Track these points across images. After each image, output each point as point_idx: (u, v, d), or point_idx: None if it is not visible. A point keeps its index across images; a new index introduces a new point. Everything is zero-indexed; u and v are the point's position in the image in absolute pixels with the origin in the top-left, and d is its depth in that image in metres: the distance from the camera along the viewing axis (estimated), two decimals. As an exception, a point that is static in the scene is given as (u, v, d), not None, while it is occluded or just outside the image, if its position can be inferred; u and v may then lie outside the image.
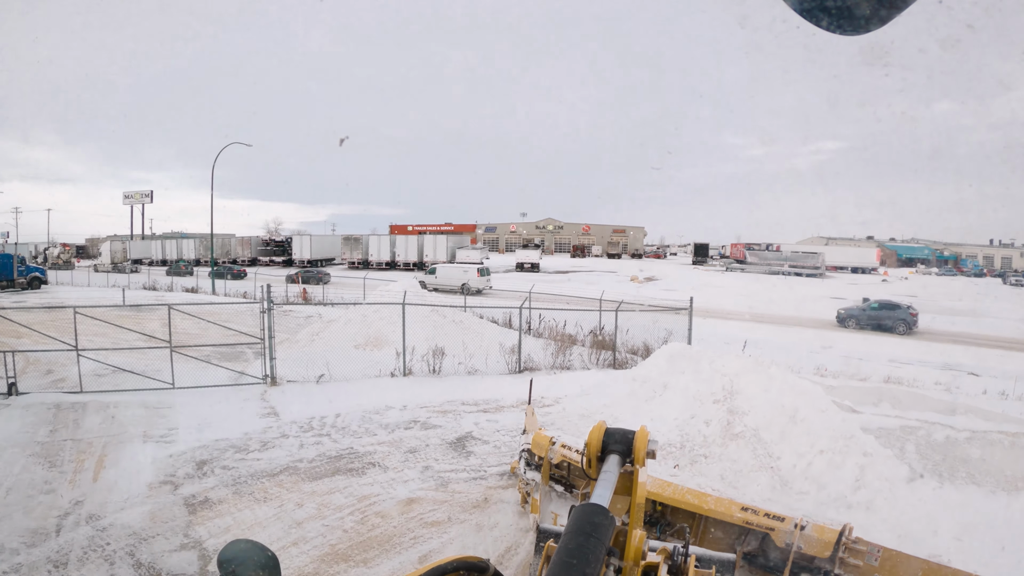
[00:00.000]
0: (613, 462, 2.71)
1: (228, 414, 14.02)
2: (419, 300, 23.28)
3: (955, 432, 11.39)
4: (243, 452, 11.65)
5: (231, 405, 14.72)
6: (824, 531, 5.55)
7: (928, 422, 12.23)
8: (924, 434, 11.48)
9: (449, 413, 14.33)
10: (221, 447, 11.92)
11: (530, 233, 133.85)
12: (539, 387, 16.43)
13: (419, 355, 17.98)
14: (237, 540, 1.73)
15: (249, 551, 1.68)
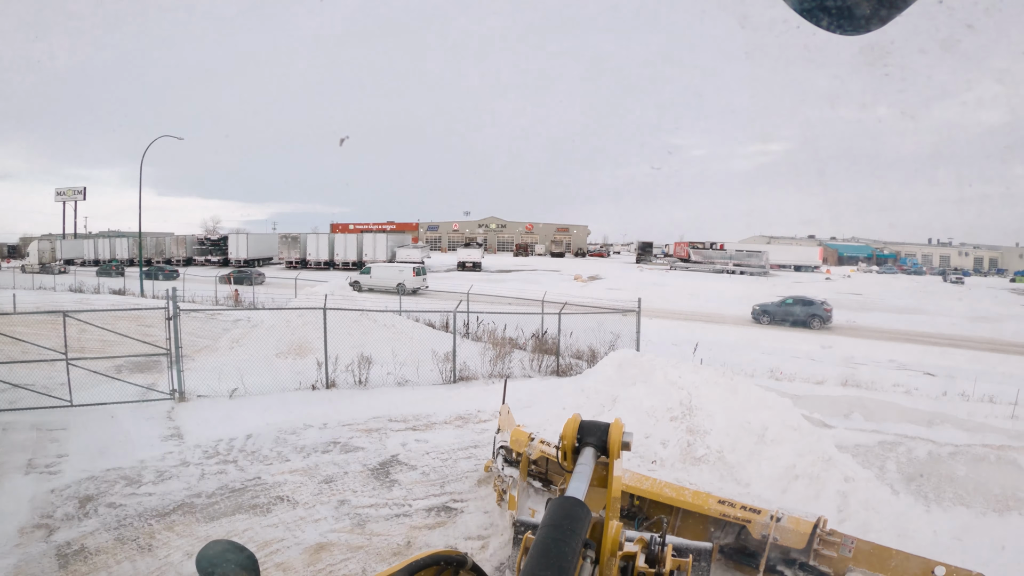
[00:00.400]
0: (588, 455, 2.73)
1: (127, 437, 12.31)
2: (347, 303, 21.60)
3: (937, 447, 10.57)
4: (135, 485, 10.04)
5: (132, 426, 12.97)
6: (799, 523, 5.65)
7: (907, 436, 11.38)
8: (905, 451, 10.56)
9: (374, 432, 12.86)
10: (111, 478, 10.27)
11: (473, 232, 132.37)
12: (475, 399, 15.36)
13: (344, 365, 16.50)
14: (215, 540, 1.75)
15: (227, 551, 1.69)
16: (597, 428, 2.81)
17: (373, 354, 17.25)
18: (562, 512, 2.01)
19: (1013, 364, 26.41)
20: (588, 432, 2.82)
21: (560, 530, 1.91)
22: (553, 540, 1.86)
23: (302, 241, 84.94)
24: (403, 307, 25.43)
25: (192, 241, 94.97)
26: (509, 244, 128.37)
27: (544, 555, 1.79)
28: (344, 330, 18.34)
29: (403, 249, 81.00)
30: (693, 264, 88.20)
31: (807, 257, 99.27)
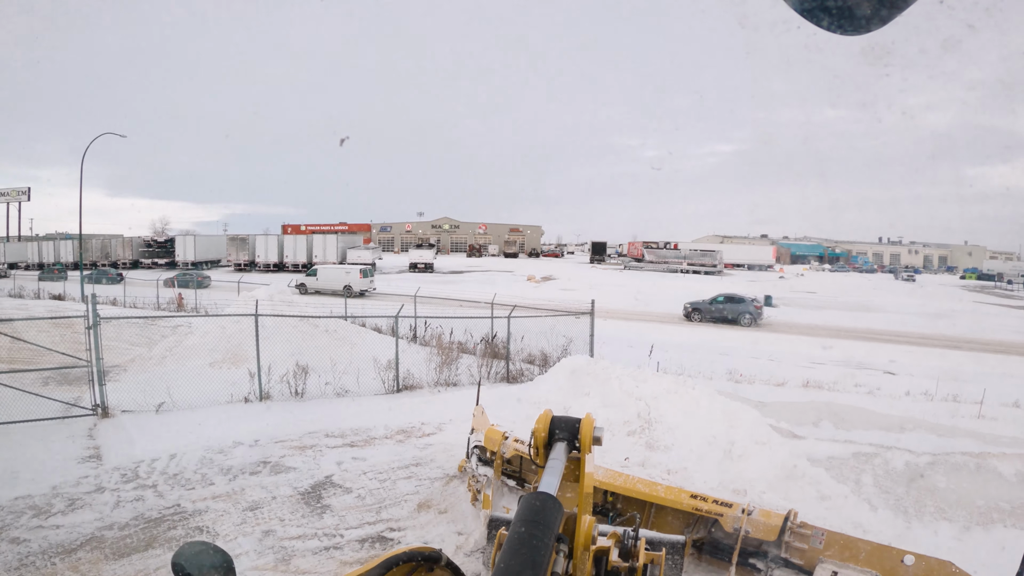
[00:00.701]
0: (560, 450, 2.78)
1: (43, 459, 11.23)
2: (286, 307, 20.59)
3: (914, 457, 10.04)
4: (43, 515, 9.06)
5: (49, 446, 11.90)
6: (771, 516, 5.71)
7: (882, 446, 10.81)
8: (881, 462, 9.99)
9: (308, 449, 11.99)
10: (19, 508, 9.26)
11: (426, 232, 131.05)
12: (418, 410, 14.62)
13: (279, 375, 15.53)
14: (191, 542, 1.76)
15: (203, 552, 1.67)
16: (568, 423, 2.85)
17: (313, 362, 16.36)
18: (534, 507, 2.03)
19: (972, 361, 26.41)
20: (560, 427, 2.85)
21: (533, 525, 1.93)
22: (526, 535, 1.88)
23: (250, 243, 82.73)
24: (348, 311, 24.58)
25: (139, 243, 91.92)
26: (463, 245, 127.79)
27: (517, 550, 1.80)
28: (282, 337, 17.42)
29: (354, 250, 79.37)
30: (647, 264, 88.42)
31: (760, 256, 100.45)
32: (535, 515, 2.00)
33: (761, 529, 5.70)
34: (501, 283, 57.87)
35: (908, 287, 75.67)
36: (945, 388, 18.79)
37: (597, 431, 2.83)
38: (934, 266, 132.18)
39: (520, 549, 1.82)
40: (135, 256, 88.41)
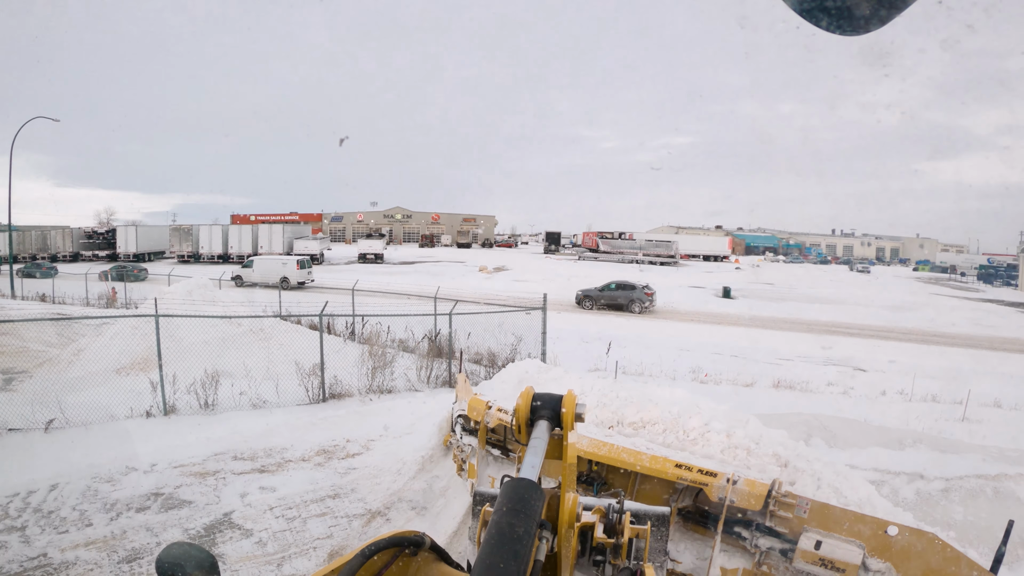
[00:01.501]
0: (542, 428, 2.69)
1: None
2: (207, 305, 18.58)
3: (925, 483, 8.82)
4: None
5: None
6: (755, 485, 5.65)
7: (888, 471, 9.59)
8: (889, 491, 8.72)
9: (211, 476, 10.26)
10: None
11: (378, 222, 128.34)
12: (344, 424, 12.98)
13: (185, 384, 13.72)
14: (176, 543, 1.74)
15: (188, 553, 1.68)
16: (550, 400, 2.75)
17: (232, 367, 14.69)
18: (516, 495, 1.99)
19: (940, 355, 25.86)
20: (541, 405, 2.75)
21: (514, 515, 1.89)
22: (507, 525, 1.85)
23: (194, 233, 79.72)
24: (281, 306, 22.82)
25: (79, 235, 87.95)
26: (415, 235, 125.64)
27: (499, 543, 1.77)
28: (199, 337, 15.67)
29: (301, 240, 76.58)
30: (602, 254, 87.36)
31: (716, 247, 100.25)
32: (516, 504, 1.94)
33: (746, 498, 5.63)
34: (452, 274, 56.54)
35: (864, 279, 76.89)
36: (921, 386, 17.94)
37: (579, 408, 2.72)
38: (887, 258, 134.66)
39: (503, 541, 1.77)
40: (76, 248, 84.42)
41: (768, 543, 5.59)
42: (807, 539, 5.26)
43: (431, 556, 2.39)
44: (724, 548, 5.84)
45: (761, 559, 5.67)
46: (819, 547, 5.18)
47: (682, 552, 6.07)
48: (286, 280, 46.37)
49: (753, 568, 5.72)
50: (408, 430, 11.92)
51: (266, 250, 73.31)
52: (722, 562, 5.83)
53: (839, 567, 5.08)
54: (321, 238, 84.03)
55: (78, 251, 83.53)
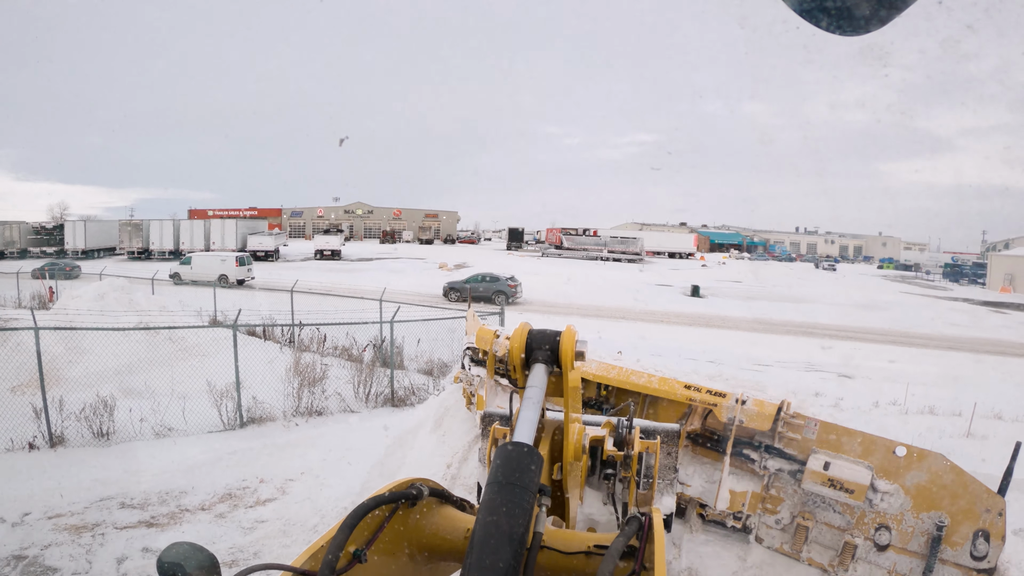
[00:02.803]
0: (539, 375, 2.65)
1: None
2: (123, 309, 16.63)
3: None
4: None
5: None
6: (764, 405, 5.51)
7: None
8: None
9: (88, 532, 8.37)
10: None
11: (339, 218, 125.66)
12: (260, 458, 11.18)
13: (78, 408, 11.64)
14: (176, 543, 1.71)
15: (188, 553, 1.67)
16: (547, 339, 2.74)
17: (139, 386, 12.85)
18: (511, 465, 1.93)
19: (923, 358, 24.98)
20: (537, 344, 2.74)
21: (509, 489, 1.85)
22: (500, 504, 1.81)
23: (145, 229, 76.76)
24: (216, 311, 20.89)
25: (27, 230, 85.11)
26: (377, 231, 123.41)
27: (495, 522, 1.76)
28: (104, 347, 13.78)
29: (255, 236, 73.91)
30: (566, 251, 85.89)
31: (681, 244, 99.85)
32: (512, 475, 1.89)
33: (755, 418, 5.52)
34: (411, 272, 54.94)
35: (831, 276, 77.05)
36: (914, 395, 16.76)
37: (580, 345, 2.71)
38: (850, 256, 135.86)
39: (498, 522, 1.75)
40: (24, 244, 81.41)
41: (777, 465, 5.52)
42: (816, 460, 5.20)
43: (433, 501, 2.56)
44: (733, 471, 5.75)
45: (770, 482, 5.59)
46: (828, 468, 5.14)
47: (691, 476, 5.91)
48: (224, 277, 45.02)
49: (762, 491, 5.63)
50: (334, 468, 10.17)
51: (219, 246, 70.82)
52: (731, 485, 5.74)
53: (848, 488, 5.04)
54: (277, 234, 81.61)
55: (26, 247, 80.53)
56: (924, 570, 4.92)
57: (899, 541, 5.05)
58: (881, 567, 5.14)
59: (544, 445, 3.05)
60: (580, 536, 2.51)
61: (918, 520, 4.97)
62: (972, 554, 4.76)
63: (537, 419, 2.35)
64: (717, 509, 5.76)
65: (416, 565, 2.47)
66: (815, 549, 5.43)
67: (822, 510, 5.34)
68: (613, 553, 2.03)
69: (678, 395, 5.89)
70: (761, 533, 5.69)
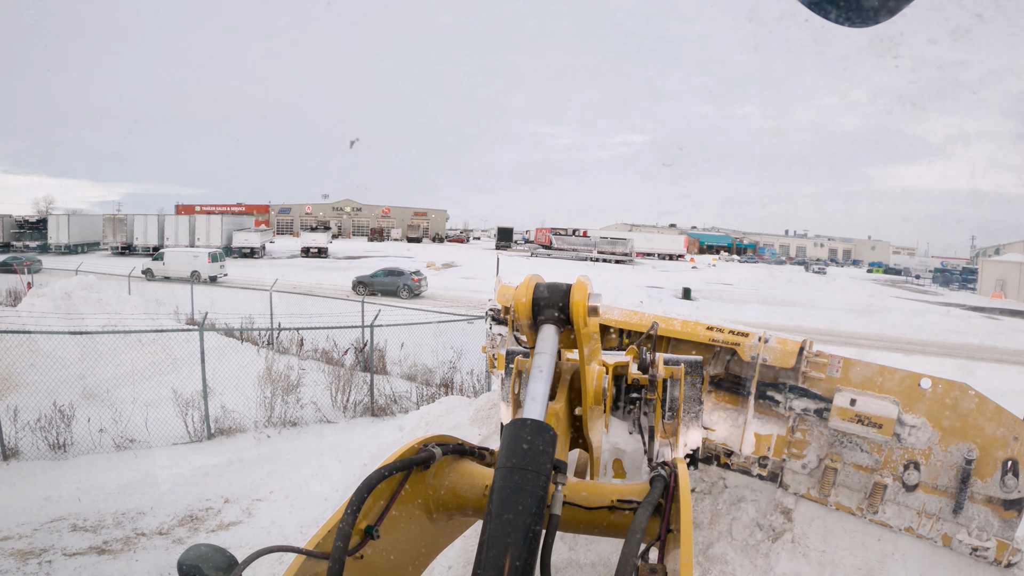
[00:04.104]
0: (548, 336, 2.50)
1: None
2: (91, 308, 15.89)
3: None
4: None
5: None
6: (787, 343, 5.48)
7: None
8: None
9: (35, 559, 7.63)
10: None
11: (327, 215, 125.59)
12: (227, 473, 10.49)
13: (31, 420, 10.84)
14: (197, 544, 1.72)
15: (209, 554, 1.67)
16: (556, 294, 2.56)
17: (103, 391, 12.14)
18: (521, 446, 1.86)
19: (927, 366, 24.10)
20: (545, 301, 2.55)
21: (522, 474, 1.79)
22: (512, 491, 1.76)
23: (129, 224, 75.93)
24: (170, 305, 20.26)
25: (10, 224, 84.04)
26: (365, 228, 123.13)
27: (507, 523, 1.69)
28: (67, 351, 13.02)
29: (241, 232, 73.23)
30: (555, 251, 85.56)
31: (671, 245, 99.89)
32: (523, 460, 1.81)
33: (778, 356, 5.39)
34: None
35: (821, 280, 76.97)
36: None
37: (593, 299, 2.55)
38: (839, 259, 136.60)
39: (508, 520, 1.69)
40: (6, 239, 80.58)
41: (802, 404, 5.46)
42: (842, 397, 5.13)
43: (449, 458, 2.46)
44: (757, 416, 5.73)
45: (795, 424, 5.56)
46: (854, 404, 5.07)
47: (716, 423, 5.86)
48: (197, 274, 44.91)
49: (787, 434, 5.62)
50: (306, 488, 9.45)
51: (204, 242, 70.25)
52: (755, 428, 5.72)
53: (876, 423, 4.97)
54: (263, 230, 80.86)
55: (8, 241, 79.70)
56: (954, 507, 4.91)
57: (928, 477, 5.04)
58: (910, 508, 5.14)
59: (563, 392, 3.01)
60: (603, 489, 2.43)
61: (946, 453, 4.96)
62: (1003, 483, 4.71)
63: (547, 391, 2.26)
64: (743, 454, 5.78)
65: (436, 524, 2.43)
66: (843, 493, 5.42)
67: (849, 450, 5.32)
68: (637, 530, 1.89)
69: (700, 336, 5.87)
70: (787, 479, 5.68)
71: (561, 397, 2.96)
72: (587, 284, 2.57)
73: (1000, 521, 4.83)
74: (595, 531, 2.42)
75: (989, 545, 4.77)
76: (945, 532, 5.00)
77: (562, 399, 2.95)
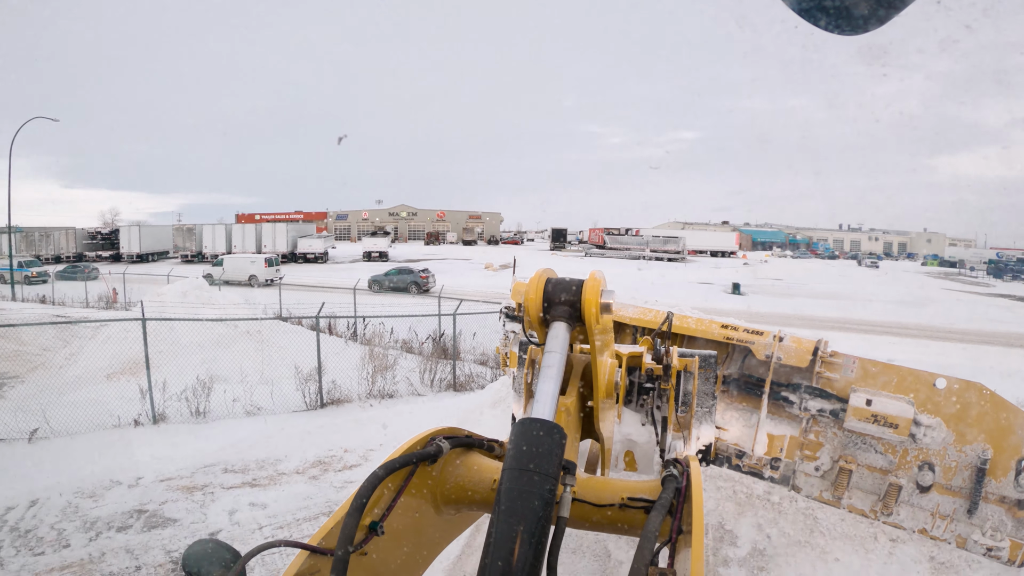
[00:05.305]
0: (558, 336, 2.39)
1: None
2: (203, 306, 17.98)
3: None
4: None
5: None
6: (802, 342, 5.53)
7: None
8: None
9: (199, 491, 9.61)
10: None
11: (383, 220, 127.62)
12: (343, 431, 12.39)
13: (177, 390, 13.10)
14: (200, 540, 1.68)
15: (213, 551, 1.65)
16: (567, 291, 2.46)
17: (227, 371, 14.10)
18: (529, 447, 1.77)
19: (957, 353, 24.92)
20: (556, 298, 2.46)
21: (529, 477, 1.71)
22: (519, 493, 1.68)
23: (198, 233, 79.33)
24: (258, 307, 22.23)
25: (83, 235, 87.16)
26: (420, 233, 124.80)
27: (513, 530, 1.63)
28: (192, 338, 15.10)
29: (305, 239, 76.12)
30: (609, 250, 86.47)
31: (723, 243, 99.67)
32: (531, 459, 1.74)
33: (793, 355, 5.51)
34: (458, 272, 56.02)
35: (873, 274, 75.69)
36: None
37: (606, 296, 2.45)
38: (894, 253, 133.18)
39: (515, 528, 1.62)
40: (80, 249, 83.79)
41: (817, 405, 5.50)
42: (857, 397, 5.18)
43: (456, 451, 2.39)
44: (771, 417, 5.77)
45: (808, 425, 5.61)
46: (870, 404, 5.12)
47: (729, 423, 5.95)
48: (254, 278, 48.12)
49: (800, 436, 5.66)
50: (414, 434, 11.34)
51: (270, 248, 72.75)
52: (768, 429, 5.77)
53: (892, 423, 5.03)
54: (325, 236, 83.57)
55: (82, 252, 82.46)
56: (968, 508, 4.96)
57: (943, 478, 5.07)
58: (924, 509, 5.16)
59: (574, 384, 2.97)
60: (612, 485, 2.37)
61: (961, 454, 4.98)
62: (1017, 482, 4.79)
63: (556, 391, 2.17)
64: (755, 455, 5.82)
65: (442, 518, 2.41)
66: (856, 495, 5.43)
67: (863, 452, 5.36)
68: (650, 534, 1.89)
69: (715, 334, 5.91)
70: (799, 481, 5.70)
71: (572, 391, 2.93)
72: (600, 280, 2.50)
73: (1014, 521, 4.88)
74: (604, 528, 2.38)
75: (1003, 545, 4.85)
76: (959, 533, 5.04)
77: (573, 393, 2.92)
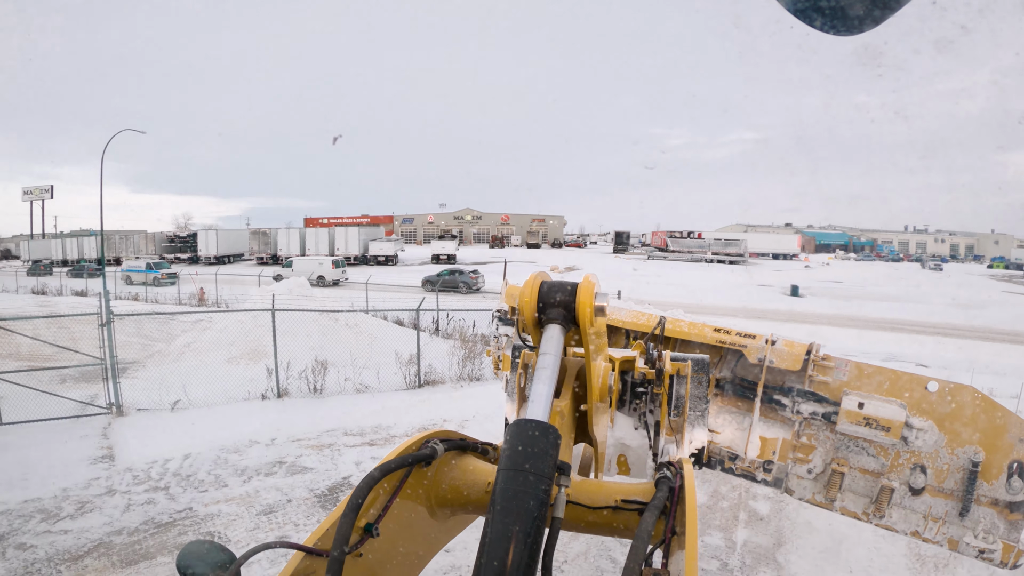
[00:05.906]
0: (553, 339, 2.40)
1: (54, 460, 10.88)
2: (307, 301, 20.13)
3: None
4: (52, 519, 8.68)
5: (62, 446, 11.54)
6: (794, 346, 5.61)
7: None
8: None
9: (326, 448, 11.52)
10: (28, 511, 8.91)
11: (448, 224, 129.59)
12: (441, 406, 14.21)
13: (296, 371, 15.13)
14: (195, 541, 1.69)
15: (208, 552, 1.65)
16: (561, 294, 2.47)
17: (333, 357, 15.98)
18: (524, 448, 1.80)
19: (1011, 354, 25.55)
20: (550, 300, 2.48)
21: (523, 477, 1.74)
22: (514, 494, 1.71)
23: (272, 236, 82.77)
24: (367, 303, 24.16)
25: (161, 239, 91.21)
26: (485, 236, 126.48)
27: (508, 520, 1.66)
28: (302, 330, 17.04)
29: (375, 242, 78.72)
30: (671, 253, 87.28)
31: (785, 245, 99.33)
32: (524, 460, 1.78)
33: (785, 359, 5.61)
34: (524, 274, 57.22)
35: (936, 276, 74.55)
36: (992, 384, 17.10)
37: (600, 299, 2.46)
38: (961, 255, 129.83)
39: (511, 528, 1.66)
40: (158, 252, 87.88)
41: (810, 408, 5.61)
42: (849, 400, 5.31)
43: (451, 454, 2.52)
44: (763, 420, 5.87)
45: (800, 429, 5.71)
46: (862, 407, 5.23)
47: (721, 427, 6.06)
48: (322, 278, 50.78)
49: (792, 439, 5.75)
50: (497, 413, 12.99)
51: (342, 251, 75.58)
52: (761, 431, 5.87)
53: (884, 425, 5.11)
54: (395, 240, 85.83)
55: (161, 254, 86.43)
56: (960, 510, 5.02)
57: (934, 480, 5.12)
58: (916, 511, 5.24)
59: (568, 388, 2.96)
60: (606, 488, 2.43)
61: (953, 456, 5.02)
62: (1008, 485, 4.83)
63: (551, 393, 2.18)
64: (748, 458, 5.91)
65: (437, 521, 2.45)
66: (848, 497, 5.52)
67: (856, 454, 5.42)
68: (643, 536, 1.93)
69: (708, 338, 5.98)
70: (792, 484, 5.78)
71: (566, 394, 2.90)
72: (594, 283, 2.49)
73: (1006, 523, 4.91)
74: (598, 531, 2.40)
75: (995, 547, 4.88)
76: (951, 536, 5.09)
77: (567, 396, 2.90)
